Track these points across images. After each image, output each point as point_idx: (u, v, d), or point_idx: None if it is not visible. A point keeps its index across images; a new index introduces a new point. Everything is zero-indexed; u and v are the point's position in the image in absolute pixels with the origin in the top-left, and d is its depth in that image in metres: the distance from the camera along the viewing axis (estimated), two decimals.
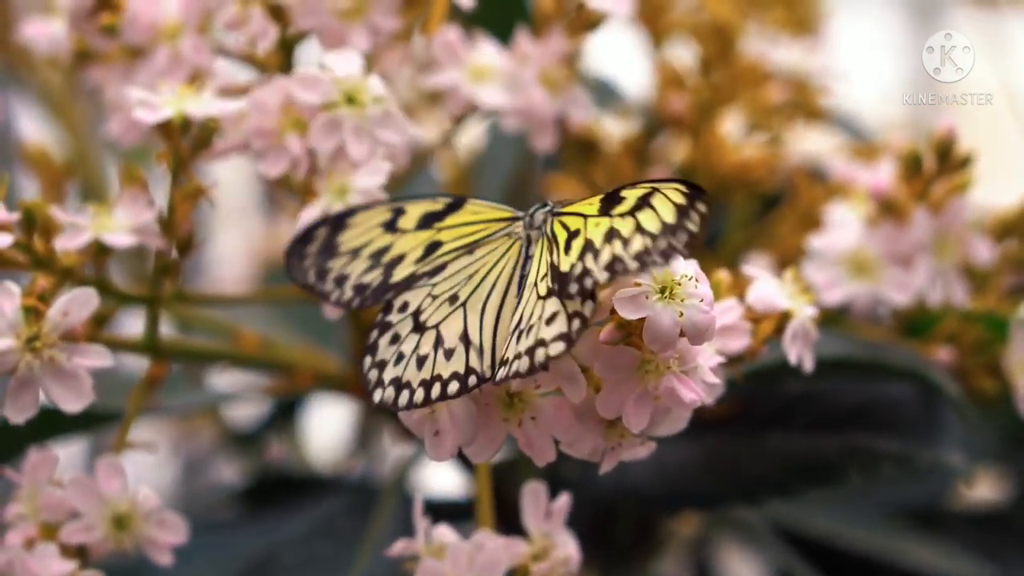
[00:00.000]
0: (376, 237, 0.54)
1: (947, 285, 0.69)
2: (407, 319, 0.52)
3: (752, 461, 0.68)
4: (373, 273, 0.53)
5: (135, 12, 0.64)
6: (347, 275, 0.53)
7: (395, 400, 0.50)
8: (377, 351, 0.51)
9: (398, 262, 0.53)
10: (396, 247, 0.53)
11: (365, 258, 0.53)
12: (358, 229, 0.54)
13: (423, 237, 0.53)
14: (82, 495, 0.55)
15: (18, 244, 0.56)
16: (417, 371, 0.50)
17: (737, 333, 0.55)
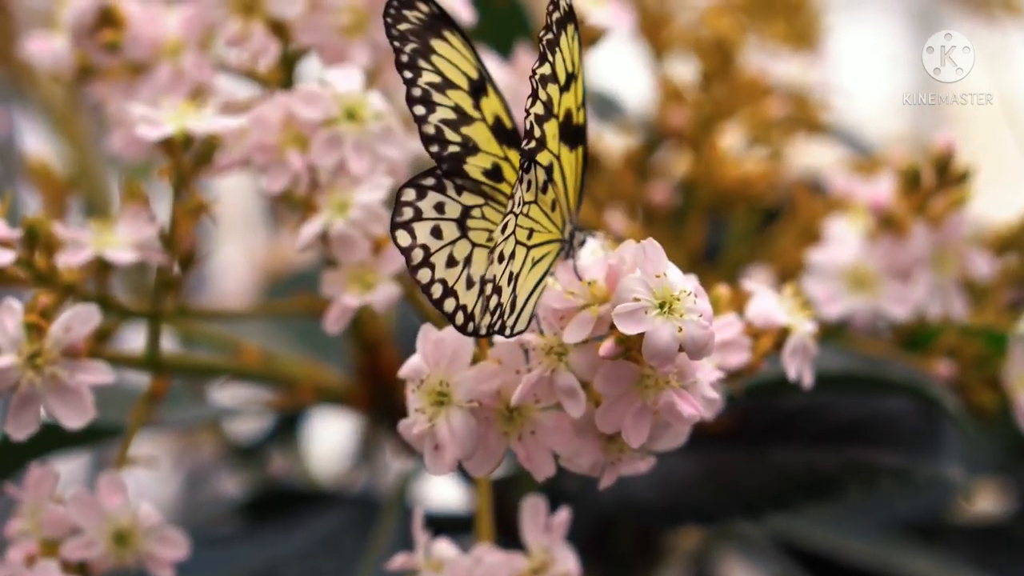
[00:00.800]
0: (462, 89, 0.52)
1: (946, 299, 0.69)
2: (457, 205, 0.51)
3: (752, 475, 0.68)
4: (454, 136, 0.52)
5: (137, 29, 0.65)
6: (434, 103, 0.52)
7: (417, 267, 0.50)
8: (423, 197, 0.51)
9: (473, 152, 0.52)
10: (474, 129, 0.52)
11: (452, 105, 0.52)
12: (451, 53, 0.52)
13: (494, 148, 0.53)
14: (83, 511, 0.55)
15: (20, 261, 0.56)
16: (445, 267, 0.50)
17: (736, 348, 0.55)
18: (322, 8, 0.62)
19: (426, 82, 0.52)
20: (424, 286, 0.50)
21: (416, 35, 0.52)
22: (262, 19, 0.63)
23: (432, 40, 0.52)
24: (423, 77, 0.52)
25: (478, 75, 0.53)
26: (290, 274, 1.05)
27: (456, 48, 0.52)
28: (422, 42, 0.52)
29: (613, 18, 0.68)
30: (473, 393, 0.50)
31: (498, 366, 0.51)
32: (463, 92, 0.52)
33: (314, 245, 0.58)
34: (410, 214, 0.50)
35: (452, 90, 0.52)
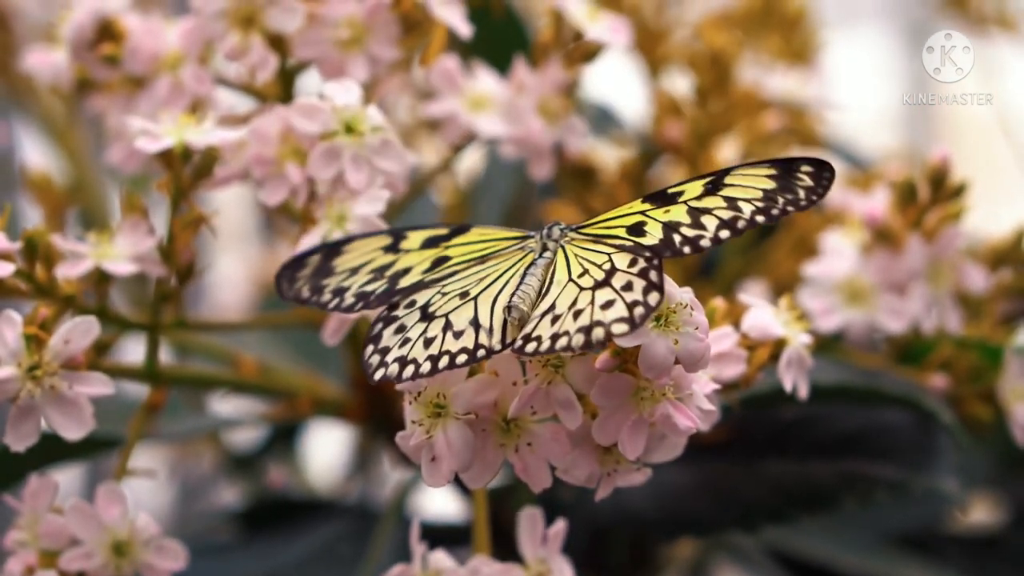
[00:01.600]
0: (377, 257, 0.54)
1: (942, 313, 0.69)
2: (414, 312, 0.52)
3: (748, 487, 0.68)
4: (377, 284, 0.54)
5: (136, 42, 0.65)
6: (346, 287, 0.54)
7: (399, 374, 0.50)
8: (380, 340, 0.51)
9: (404, 274, 0.54)
10: (400, 262, 0.54)
11: (366, 273, 0.54)
12: (355, 253, 0.55)
13: (429, 254, 0.54)
14: (82, 522, 0.55)
15: (20, 272, 0.56)
16: (424, 349, 0.50)
17: (732, 360, 0.55)
18: (321, 22, 0.63)
19: (334, 284, 0.54)
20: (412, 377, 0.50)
21: (315, 274, 0.55)
22: (261, 33, 0.63)
23: (332, 262, 0.55)
24: (330, 286, 0.54)
25: (390, 238, 0.55)
26: None
27: (357, 248, 0.55)
28: (323, 272, 0.55)
29: (610, 33, 0.68)
30: (470, 405, 0.50)
31: (495, 378, 0.51)
32: (377, 258, 0.54)
33: None
34: (377, 360, 0.51)
35: (364, 267, 0.54)
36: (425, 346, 0.50)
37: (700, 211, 0.50)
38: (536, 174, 0.68)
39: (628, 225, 0.51)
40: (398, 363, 0.50)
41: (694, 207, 0.51)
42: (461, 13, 0.65)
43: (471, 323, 0.50)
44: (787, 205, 0.50)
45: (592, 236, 0.52)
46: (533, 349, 0.48)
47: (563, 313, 0.48)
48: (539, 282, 0.51)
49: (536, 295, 0.50)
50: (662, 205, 0.51)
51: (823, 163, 0.51)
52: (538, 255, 0.52)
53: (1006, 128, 0.99)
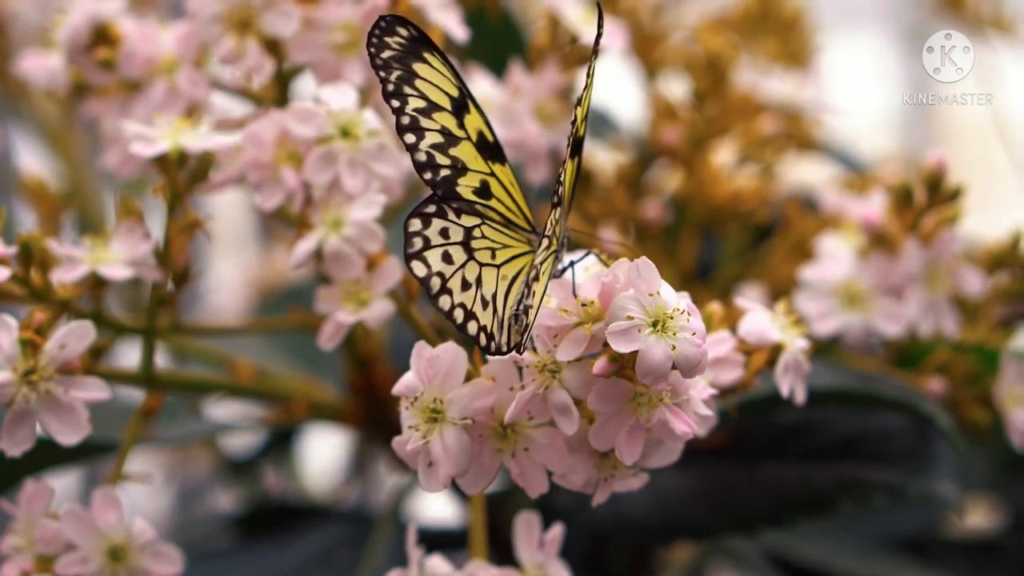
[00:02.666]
0: (446, 110, 0.53)
1: (938, 316, 0.69)
2: (460, 229, 0.52)
3: (746, 491, 0.68)
4: (444, 159, 0.53)
5: (132, 47, 0.65)
6: (422, 128, 0.53)
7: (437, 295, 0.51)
8: (429, 225, 0.52)
9: (463, 172, 0.53)
10: (461, 149, 0.53)
11: (438, 128, 0.53)
12: (432, 75, 0.53)
13: (480, 165, 0.53)
14: (78, 527, 0.55)
15: (16, 277, 0.56)
16: (461, 291, 0.51)
17: (729, 365, 0.55)
18: (316, 26, 0.63)
19: (413, 108, 0.52)
20: (446, 312, 0.50)
21: (399, 61, 0.52)
22: (257, 37, 0.63)
23: (415, 64, 0.52)
24: (410, 104, 0.52)
25: (459, 93, 0.53)
26: (282, 290, 1.05)
27: (437, 69, 0.53)
28: (405, 68, 0.52)
29: (606, 37, 0.68)
30: (467, 410, 0.50)
31: (492, 383, 0.51)
32: (447, 113, 0.53)
33: (308, 262, 0.58)
34: (420, 244, 0.51)
35: (437, 112, 0.53)
36: (462, 287, 0.51)
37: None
38: (532, 177, 0.68)
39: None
40: (439, 279, 0.51)
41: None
42: (457, 17, 0.65)
43: (492, 298, 0.51)
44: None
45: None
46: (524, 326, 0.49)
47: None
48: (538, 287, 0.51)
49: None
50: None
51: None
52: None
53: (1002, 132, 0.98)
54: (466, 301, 0.51)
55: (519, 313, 0.50)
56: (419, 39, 0.52)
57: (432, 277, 0.51)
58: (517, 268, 0.52)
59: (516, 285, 0.52)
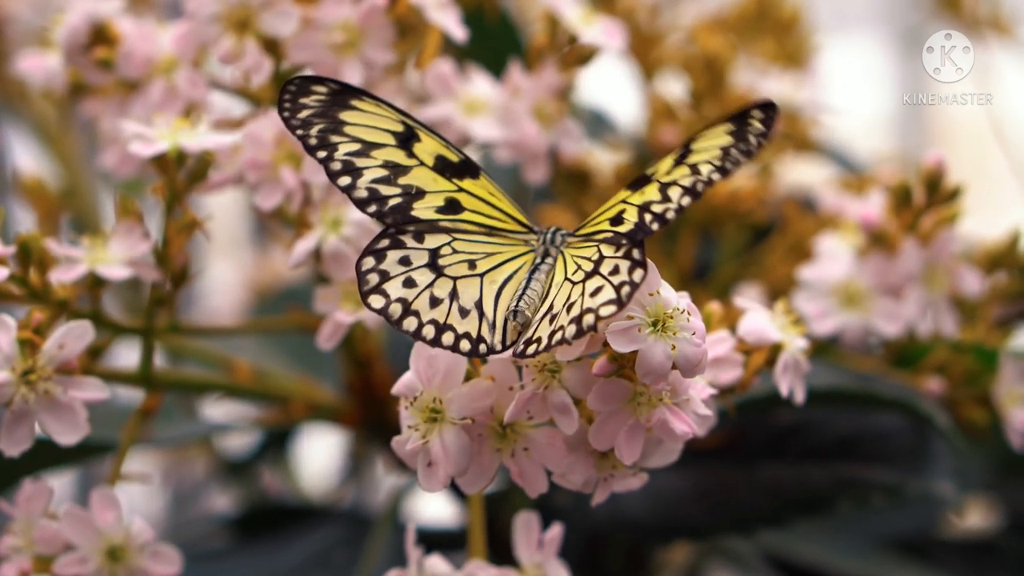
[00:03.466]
0: (389, 145, 0.53)
1: (937, 316, 0.69)
2: (423, 252, 0.51)
3: (744, 491, 0.68)
4: (391, 189, 0.52)
5: (130, 46, 0.65)
6: (359, 168, 0.52)
7: (400, 320, 0.50)
8: (384, 259, 0.51)
9: (419, 196, 0.53)
10: (414, 176, 0.53)
11: (380, 163, 0.52)
12: (365, 119, 0.53)
13: (443, 185, 0.53)
14: (76, 527, 0.55)
15: (14, 277, 0.56)
16: (429, 309, 0.50)
17: (729, 365, 0.55)
18: (315, 26, 0.63)
19: (344, 153, 0.52)
20: (413, 333, 0.50)
21: (322, 115, 0.52)
22: (255, 36, 0.63)
23: (341, 114, 0.52)
24: (340, 150, 0.52)
25: (403, 127, 0.53)
26: (279, 290, 1.05)
27: (370, 111, 0.53)
28: (330, 119, 0.52)
29: (604, 37, 0.68)
30: (466, 410, 0.50)
31: (491, 383, 0.51)
32: (391, 147, 0.53)
33: (307, 262, 0.58)
34: (376, 279, 0.51)
35: (377, 150, 0.53)
36: (431, 305, 0.50)
37: (668, 185, 0.50)
38: (531, 178, 0.68)
39: (611, 217, 0.51)
40: (400, 304, 0.50)
41: (663, 182, 0.50)
42: (456, 17, 0.65)
43: (476, 305, 0.50)
44: (740, 155, 0.50)
45: (584, 236, 0.51)
46: (534, 351, 0.48)
47: (559, 311, 0.49)
48: (542, 287, 0.51)
49: (539, 299, 0.50)
50: (638, 188, 0.51)
51: (769, 104, 0.50)
52: (540, 259, 0.52)
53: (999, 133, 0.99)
54: (437, 316, 0.50)
55: (518, 309, 0.50)
56: (341, 91, 0.53)
57: (391, 305, 0.50)
58: (508, 271, 0.52)
59: (509, 287, 0.51)
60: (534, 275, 0.51)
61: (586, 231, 0.52)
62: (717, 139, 0.50)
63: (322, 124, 0.52)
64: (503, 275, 0.52)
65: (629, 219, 0.50)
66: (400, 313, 0.50)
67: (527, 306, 0.50)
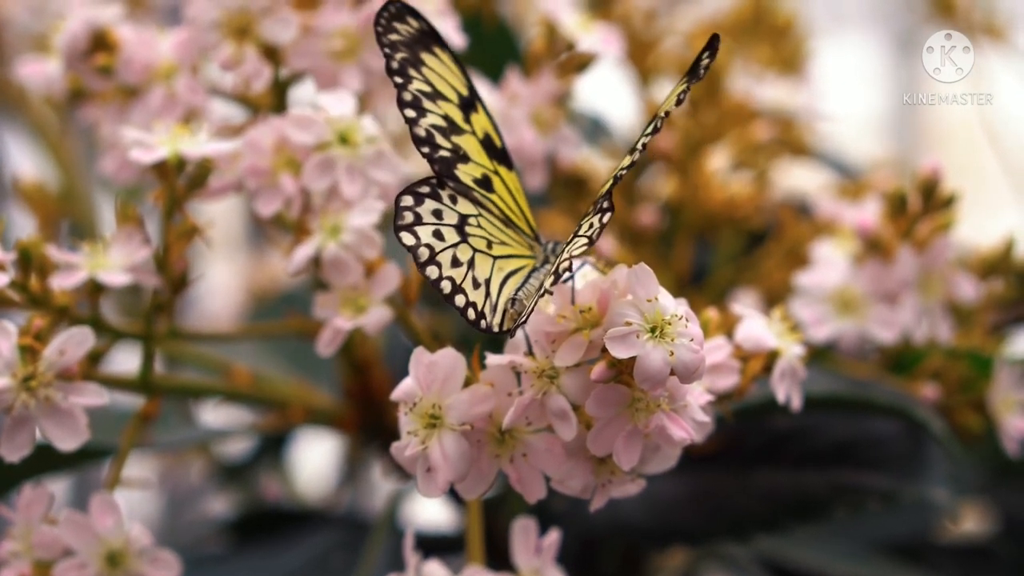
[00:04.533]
0: (452, 102, 0.54)
1: (932, 323, 0.69)
2: (454, 213, 0.52)
3: (740, 496, 0.69)
4: (445, 142, 0.54)
5: (130, 53, 0.65)
6: (424, 108, 0.54)
7: (424, 264, 0.51)
8: (421, 203, 0.52)
9: (464, 160, 0.54)
10: (465, 140, 0.54)
11: (442, 113, 0.54)
12: (441, 68, 0.54)
13: (484, 160, 0.54)
14: (76, 532, 0.55)
15: (14, 283, 0.56)
16: (450, 266, 0.51)
17: (726, 371, 0.56)
18: (314, 33, 0.63)
19: (416, 89, 0.54)
20: (434, 281, 0.51)
21: (406, 46, 0.54)
22: (255, 43, 0.63)
23: (422, 53, 0.54)
24: (413, 84, 0.53)
25: (468, 92, 0.55)
26: (277, 294, 1.05)
27: (445, 64, 0.54)
28: (412, 53, 0.54)
29: (602, 44, 0.68)
30: (465, 416, 0.50)
31: (490, 389, 0.51)
32: (453, 105, 0.54)
33: (307, 268, 0.59)
34: (410, 218, 0.51)
35: (442, 101, 0.54)
36: (452, 264, 0.51)
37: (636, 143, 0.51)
38: (529, 184, 0.69)
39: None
40: (428, 250, 0.51)
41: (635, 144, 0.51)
42: (454, 24, 0.66)
43: (484, 283, 0.51)
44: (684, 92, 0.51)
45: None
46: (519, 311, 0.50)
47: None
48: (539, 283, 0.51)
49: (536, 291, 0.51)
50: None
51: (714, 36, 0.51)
52: (540, 264, 0.53)
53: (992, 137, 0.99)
54: (456, 276, 0.51)
55: (517, 297, 0.51)
56: (429, 32, 0.54)
57: (420, 247, 0.51)
58: (514, 266, 0.53)
59: (513, 279, 0.52)
60: (534, 273, 0.52)
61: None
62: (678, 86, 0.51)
63: (406, 54, 0.54)
64: (510, 266, 0.53)
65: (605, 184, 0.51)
66: (426, 258, 0.51)
67: (526, 295, 0.51)
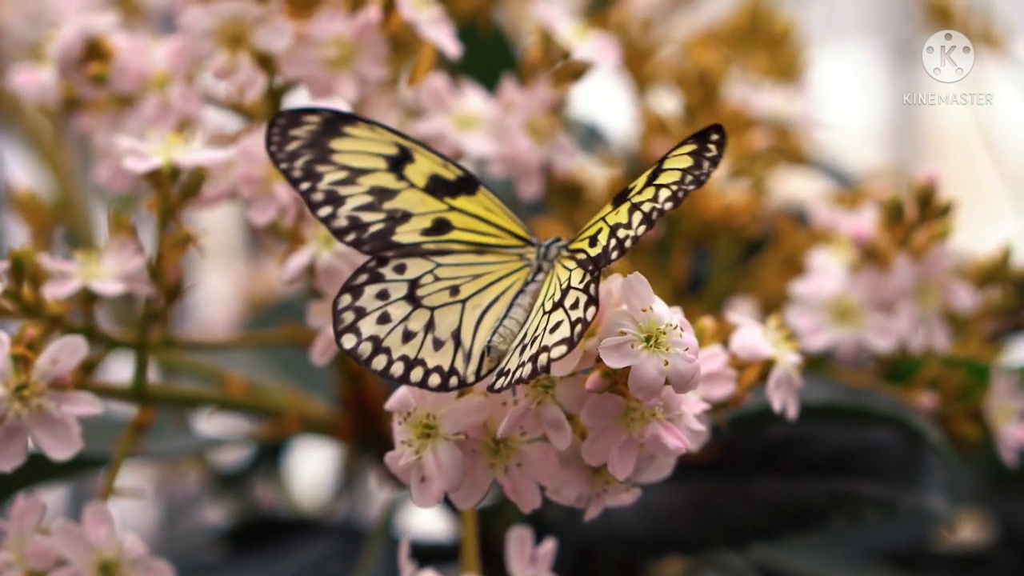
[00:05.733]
0: (379, 170, 0.53)
1: (929, 331, 0.69)
2: (402, 284, 0.51)
3: (736, 505, 0.68)
4: (374, 215, 0.53)
5: (124, 61, 0.65)
6: (342, 197, 0.52)
7: (369, 358, 0.50)
8: (360, 295, 0.51)
9: (403, 220, 0.53)
10: (402, 199, 0.53)
11: (365, 190, 0.53)
12: (357, 145, 0.53)
13: (432, 205, 0.53)
14: (69, 542, 0.55)
15: (7, 292, 0.56)
16: (402, 344, 0.50)
17: (721, 380, 0.55)
18: (309, 41, 0.63)
19: (329, 182, 0.53)
20: (382, 372, 0.50)
21: (309, 146, 0.53)
22: (249, 52, 0.63)
23: (330, 142, 0.53)
24: (325, 180, 0.53)
25: (397, 149, 0.53)
26: (272, 303, 1.05)
27: (363, 137, 0.53)
28: (317, 149, 0.53)
29: (598, 53, 0.68)
30: (460, 425, 0.50)
31: (484, 399, 0.51)
32: (380, 172, 0.53)
33: (301, 277, 0.58)
34: (350, 318, 0.51)
35: (364, 176, 0.53)
36: (404, 340, 0.50)
37: (636, 207, 0.49)
38: (524, 192, 0.68)
39: (591, 235, 0.51)
40: (371, 343, 0.50)
41: (633, 203, 0.50)
42: (449, 32, 0.66)
43: (452, 336, 0.51)
44: (693, 182, 0.48)
45: (572, 252, 0.51)
46: (499, 386, 0.48)
47: (529, 343, 0.49)
48: (525, 313, 0.51)
49: (520, 326, 0.50)
50: (617, 205, 0.51)
51: (719, 128, 0.49)
52: (532, 276, 0.52)
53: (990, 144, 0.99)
54: (409, 352, 0.50)
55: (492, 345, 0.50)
56: (333, 119, 0.53)
57: (361, 344, 0.50)
58: (494, 294, 0.52)
59: (494, 310, 0.51)
60: (517, 300, 0.51)
61: (576, 245, 0.51)
62: (680, 161, 0.49)
63: (309, 155, 0.53)
64: (488, 298, 0.52)
65: (601, 241, 0.50)
66: (370, 352, 0.50)
67: (502, 339, 0.50)
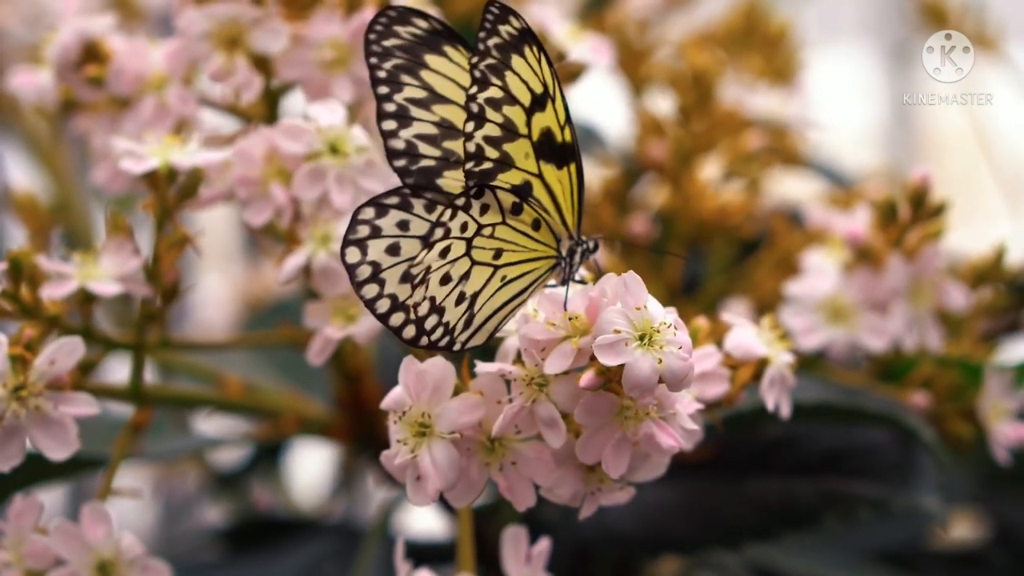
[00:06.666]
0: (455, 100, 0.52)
1: (922, 331, 0.69)
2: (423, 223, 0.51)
3: (731, 505, 0.69)
4: (431, 151, 0.52)
5: (121, 63, 0.65)
6: (411, 118, 0.52)
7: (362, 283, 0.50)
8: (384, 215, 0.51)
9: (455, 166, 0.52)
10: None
11: (435, 120, 0.52)
12: (450, 68, 0.52)
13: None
14: (67, 542, 0.55)
15: (5, 293, 0.56)
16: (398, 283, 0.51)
17: (715, 379, 0.56)
18: (305, 43, 0.63)
19: (406, 97, 0.52)
20: (368, 301, 0.50)
21: (405, 50, 0.52)
22: (245, 54, 0.63)
23: (426, 55, 0.52)
24: (403, 92, 0.52)
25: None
26: (270, 304, 1.05)
27: (458, 63, 0.52)
28: (412, 56, 0.52)
29: (592, 54, 0.69)
30: (455, 424, 0.50)
31: (480, 397, 0.51)
32: (458, 106, 0.52)
33: (297, 277, 0.59)
34: (365, 232, 0.51)
35: (441, 104, 0.52)
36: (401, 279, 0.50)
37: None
38: None
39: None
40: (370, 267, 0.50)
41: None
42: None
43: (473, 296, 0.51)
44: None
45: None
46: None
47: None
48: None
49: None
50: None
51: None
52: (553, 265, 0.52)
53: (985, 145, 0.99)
54: (399, 293, 0.50)
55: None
56: (442, 32, 0.52)
57: (362, 265, 0.50)
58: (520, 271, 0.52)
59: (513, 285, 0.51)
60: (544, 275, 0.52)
61: None
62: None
63: (401, 60, 0.51)
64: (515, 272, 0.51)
65: None
66: (366, 276, 0.50)
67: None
